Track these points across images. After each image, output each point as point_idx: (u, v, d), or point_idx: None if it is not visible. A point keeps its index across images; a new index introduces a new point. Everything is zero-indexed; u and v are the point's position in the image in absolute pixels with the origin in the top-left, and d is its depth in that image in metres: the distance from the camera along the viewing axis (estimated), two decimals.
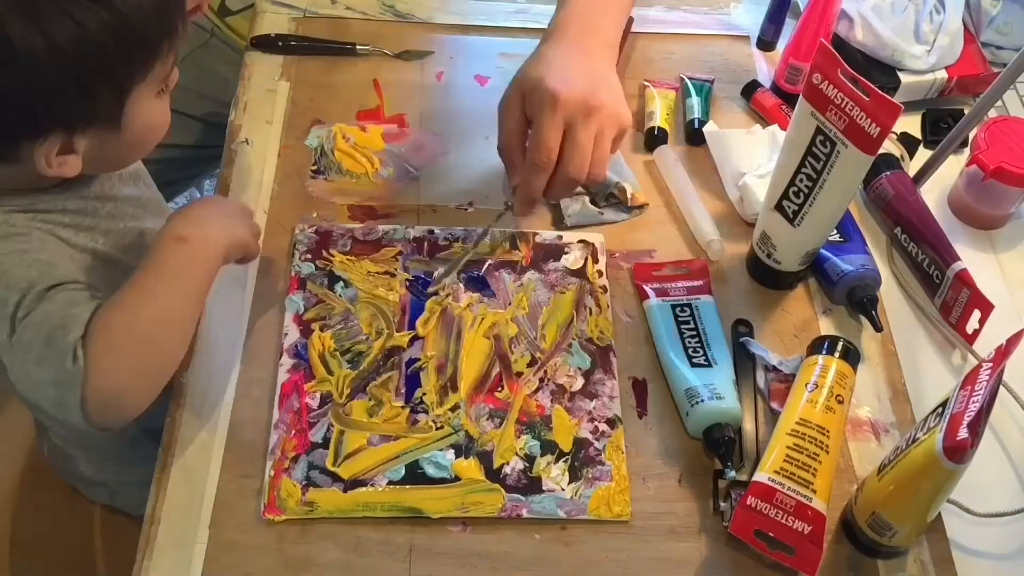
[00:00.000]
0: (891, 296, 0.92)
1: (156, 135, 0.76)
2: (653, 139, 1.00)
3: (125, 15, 0.64)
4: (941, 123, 1.05)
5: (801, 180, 0.81)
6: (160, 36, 0.69)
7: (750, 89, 1.05)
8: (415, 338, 0.84)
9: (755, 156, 0.96)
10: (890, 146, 1.01)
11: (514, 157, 0.85)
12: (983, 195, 0.96)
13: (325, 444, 0.77)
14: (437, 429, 0.79)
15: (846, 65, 0.74)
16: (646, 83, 1.05)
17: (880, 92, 0.72)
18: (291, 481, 0.75)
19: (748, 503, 0.71)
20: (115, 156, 0.75)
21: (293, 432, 0.77)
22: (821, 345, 0.82)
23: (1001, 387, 0.84)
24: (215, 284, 0.86)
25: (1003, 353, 0.66)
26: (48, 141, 0.67)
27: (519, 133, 0.84)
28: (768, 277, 0.90)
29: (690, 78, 1.06)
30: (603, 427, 0.80)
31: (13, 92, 0.63)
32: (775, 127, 1.00)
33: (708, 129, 1.00)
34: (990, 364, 0.66)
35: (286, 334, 0.83)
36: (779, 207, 0.84)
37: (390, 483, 0.75)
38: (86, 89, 0.66)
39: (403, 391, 0.80)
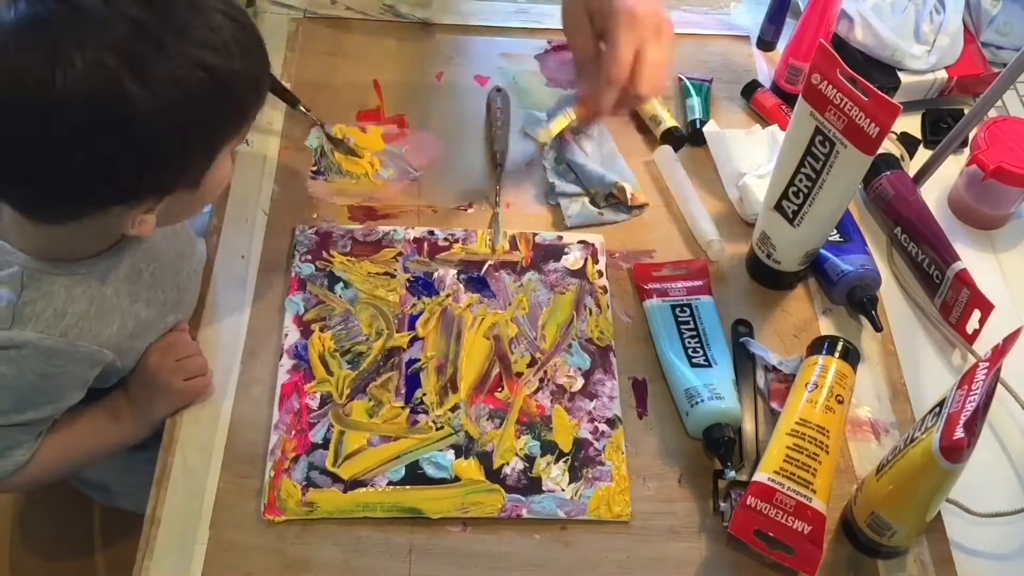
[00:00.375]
0: (891, 296, 0.92)
1: (221, 193, 0.78)
2: (673, 140, 1.00)
3: (227, 79, 0.64)
4: (941, 123, 1.05)
5: (800, 180, 0.81)
6: (252, 101, 0.69)
7: (750, 89, 1.05)
8: (415, 339, 0.84)
9: (755, 156, 0.97)
10: (890, 146, 1.01)
11: (590, 69, 0.87)
12: (983, 195, 0.96)
13: (325, 445, 0.77)
14: (437, 429, 0.79)
15: (845, 65, 0.74)
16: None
17: (879, 92, 0.72)
18: (291, 481, 0.75)
19: (748, 503, 0.71)
20: (182, 213, 0.76)
21: (293, 433, 0.77)
22: (821, 345, 0.82)
23: (1000, 387, 0.84)
24: (216, 284, 0.86)
25: (1000, 352, 0.66)
26: (141, 204, 0.67)
27: (594, 46, 0.86)
28: (768, 277, 0.90)
29: (688, 78, 1.06)
30: (603, 427, 0.80)
31: (124, 156, 0.62)
32: (775, 127, 1.00)
33: (708, 129, 1.00)
34: (987, 364, 0.66)
35: (286, 335, 0.83)
36: (779, 207, 0.84)
37: (390, 483, 0.75)
38: (188, 153, 0.66)
39: (403, 392, 0.81)
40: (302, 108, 0.98)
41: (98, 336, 0.74)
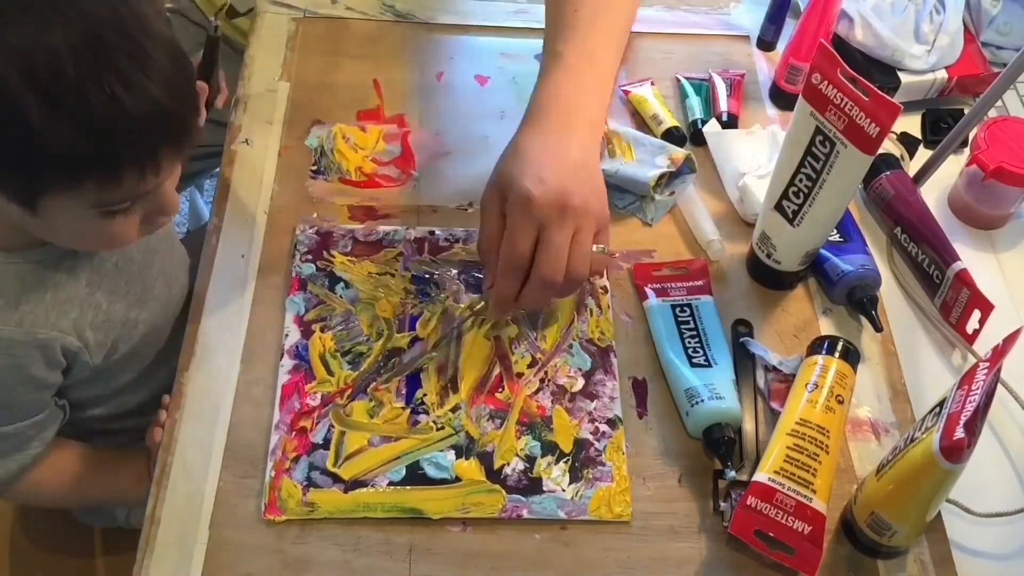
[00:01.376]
0: (891, 296, 0.92)
1: (97, 247, 0.75)
2: (674, 140, 0.99)
3: (36, 132, 0.59)
4: (941, 123, 1.05)
5: (801, 180, 0.81)
6: (80, 170, 0.62)
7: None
8: (415, 339, 0.84)
9: (755, 156, 0.97)
10: (890, 146, 1.01)
11: (490, 258, 0.79)
12: (983, 195, 0.96)
13: (326, 445, 0.77)
14: (438, 430, 0.79)
15: (845, 65, 0.74)
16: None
17: (879, 92, 0.72)
18: (292, 482, 0.75)
19: (748, 503, 0.71)
20: (45, 235, 0.72)
21: (294, 433, 0.77)
22: (821, 345, 0.82)
23: (1001, 387, 0.84)
24: (216, 284, 0.86)
25: (1000, 352, 0.66)
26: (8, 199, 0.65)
27: (497, 232, 0.78)
28: (768, 277, 0.90)
29: (688, 78, 1.06)
30: (603, 427, 0.80)
31: None
32: (775, 127, 1.00)
33: (708, 129, 1.00)
34: (987, 364, 0.66)
35: (287, 335, 0.83)
36: (779, 207, 0.84)
37: (391, 484, 0.75)
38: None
39: (404, 392, 0.81)
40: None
41: (56, 323, 0.74)
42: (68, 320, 0.75)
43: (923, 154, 1.01)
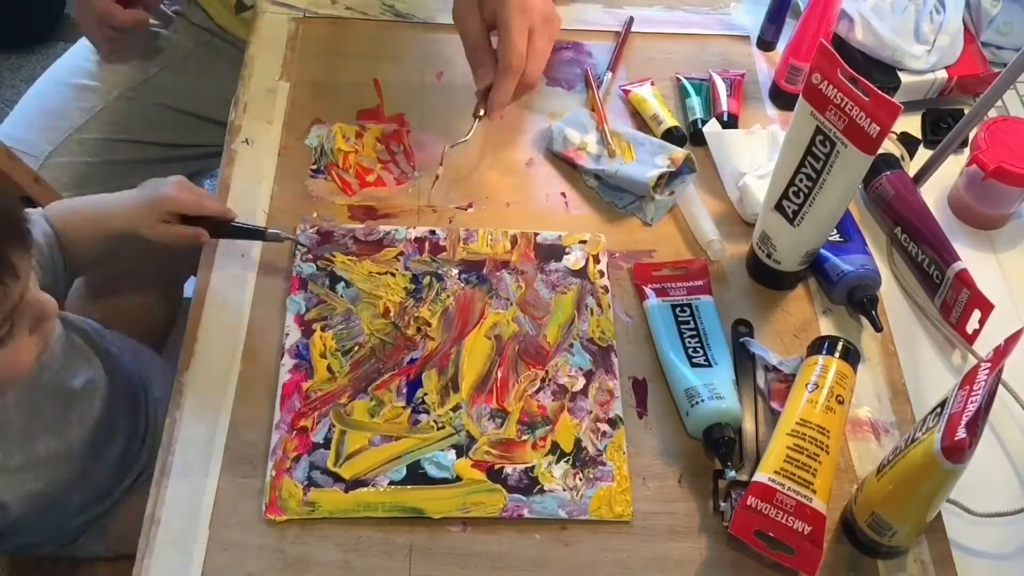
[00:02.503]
0: (891, 296, 0.92)
1: (3, 379, 0.71)
2: (674, 140, 0.99)
3: None
4: (941, 123, 1.05)
5: (801, 180, 0.81)
6: None
7: None
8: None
9: (755, 156, 0.97)
10: (890, 146, 1.01)
11: (485, 58, 0.89)
12: (983, 195, 0.96)
13: (326, 444, 0.77)
14: (438, 429, 0.79)
15: (846, 65, 0.74)
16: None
17: (879, 92, 0.72)
18: (292, 481, 0.75)
19: (748, 503, 0.71)
20: None
21: (294, 432, 0.77)
22: (821, 345, 0.82)
23: (1001, 387, 0.84)
24: (216, 284, 0.86)
25: (1001, 353, 0.66)
26: None
27: (484, 36, 0.88)
28: (768, 277, 0.90)
29: (687, 78, 1.06)
30: (604, 427, 0.80)
31: None
32: (775, 127, 1.01)
33: (708, 129, 1.00)
34: (988, 364, 0.66)
35: (287, 334, 0.83)
36: (779, 207, 0.84)
37: (391, 483, 0.75)
38: None
39: (404, 391, 0.81)
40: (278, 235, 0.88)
41: None
42: None
43: (923, 154, 1.01)
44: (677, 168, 0.95)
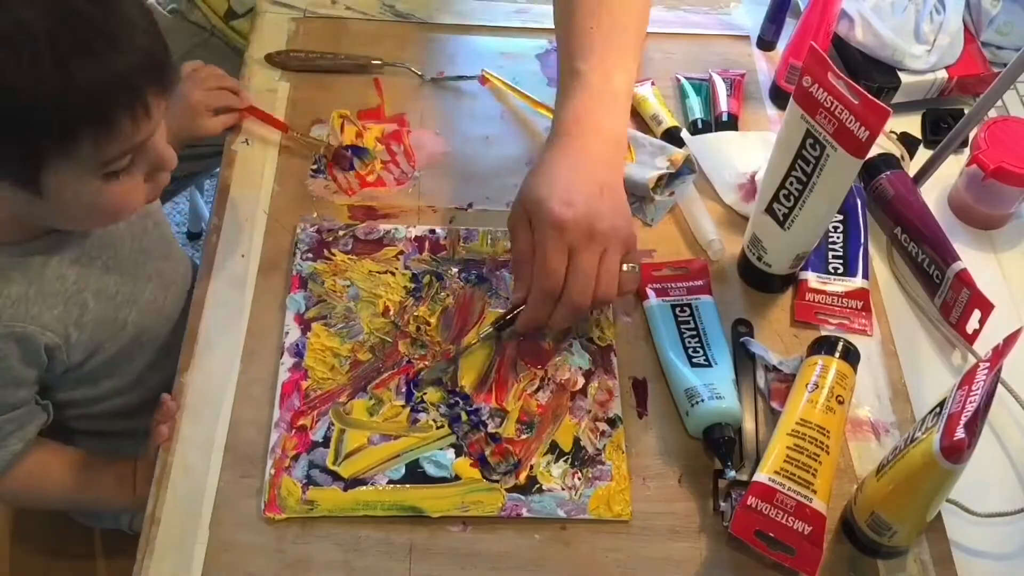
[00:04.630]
0: (891, 296, 0.92)
1: (107, 217, 0.74)
2: (673, 140, 0.99)
3: (25, 96, 0.61)
4: (941, 123, 1.05)
5: (791, 183, 0.81)
6: (74, 124, 0.63)
7: None
8: (416, 338, 0.84)
9: (754, 157, 0.96)
10: (890, 146, 1.01)
11: (525, 272, 0.80)
12: (983, 195, 0.96)
13: (326, 443, 0.77)
14: (437, 428, 0.79)
15: (835, 68, 0.74)
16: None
17: (869, 95, 0.72)
18: (291, 480, 0.75)
19: (748, 503, 0.71)
20: (57, 220, 0.74)
21: (293, 431, 0.77)
22: (821, 345, 0.82)
23: (1001, 387, 0.84)
24: (216, 283, 0.86)
25: (1000, 353, 0.66)
26: None
27: (529, 248, 0.79)
28: (759, 280, 0.90)
29: (687, 78, 1.06)
30: (603, 427, 0.80)
31: None
32: (767, 132, 1.01)
33: (687, 137, 1.00)
34: (987, 364, 0.66)
35: (287, 333, 0.83)
36: (769, 210, 0.84)
37: (390, 482, 0.75)
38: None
39: (404, 390, 0.81)
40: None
41: (38, 318, 0.74)
42: (50, 315, 0.75)
43: (923, 154, 1.01)
44: (677, 169, 0.95)
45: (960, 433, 0.63)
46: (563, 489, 0.76)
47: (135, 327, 0.84)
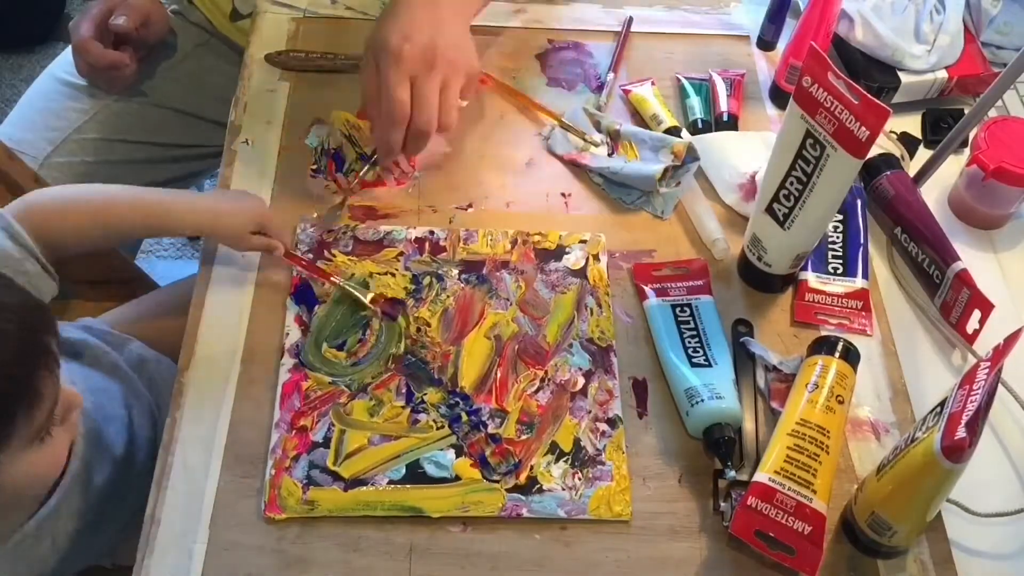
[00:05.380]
0: (891, 296, 0.92)
1: (43, 482, 0.74)
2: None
3: None
4: (941, 123, 1.05)
5: (791, 183, 0.81)
6: (8, 409, 0.65)
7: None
8: (416, 338, 0.84)
9: (754, 157, 0.96)
10: (890, 146, 1.01)
11: (374, 111, 0.87)
12: (983, 195, 0.96)
13: (326, 443, 0.77)
14: (438, 429, 0.79)
15: (835, 68, 0.74)
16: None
17: (869, 95, 0.72)
18: (292, 480, 0.75)
19: (748, 503, 0.71)
20: (12, 506, 0.74)
21: (294, 431, 0.77)
22: (821, 345, 0.82)
23: (1001, 386, 0.84)
24: (216, 284, 0.86)
25: (1000, 352, 0.66)
26: None
27: (376, 89, 0.86)
28: (759, 280, 0.90)
29: (687, 78, 1.06)
30: (603, 427, 0.80)
31: None
32: (767, 133, 1.01)
33: (687, 136, 0.99)
34: (988, 363, 0.66)
35: (287, 334, 0.83)
36: (769, 210, 0.84)
37: (391, 482, 0.75)
38: None
39: (404, 391, 0.81)
40: None
41: None
42: None
43: (923, 154, 1.01)
44: (681, 160, 0.95)
45: (961, 433, 0.63)
46: (563, 489, 0.76)
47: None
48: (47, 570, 0.78)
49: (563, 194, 0.96)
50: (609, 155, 0.98)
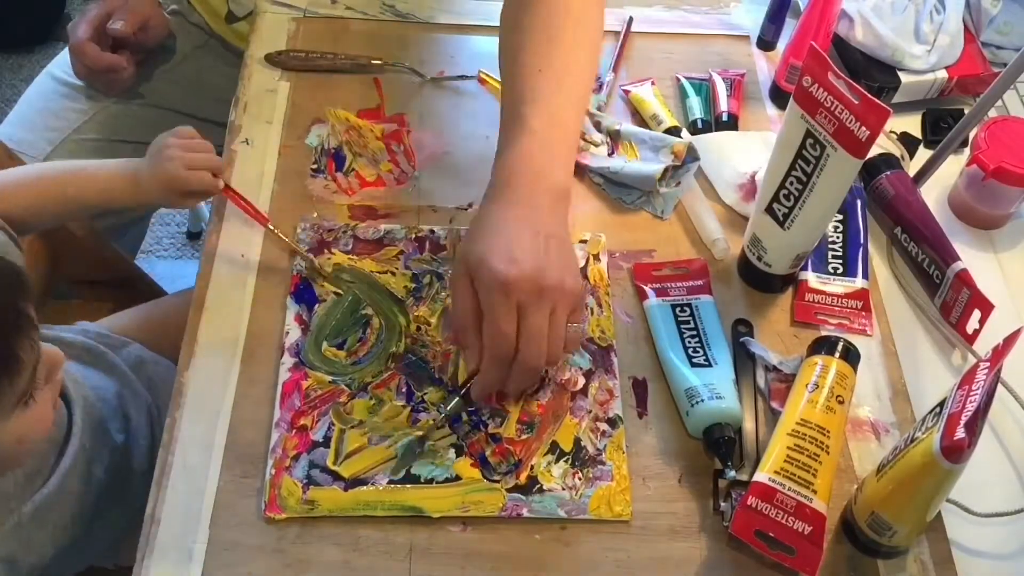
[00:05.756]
0: (891, 296, 0.92)
1: (34, 440, 0.74)
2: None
3: None
4: (941, 123, 1.05)
5: (791, 183, 0.81)
6: None
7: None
8: (416, 338, 0.84)
9: (754, 157, 0.96)
10: (890, 146, 1.01)
11: (471, 339, 0.74)
12: (983, 195, 0.96)
13: (326, 443, 0.77)
14: (438, 428, 0.79)
15: (835, 68, 0.74)
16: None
17: (869, 95, 0.72)
18: (292, 479, 0.75)
19: (748, 503, 0.71)
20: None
21: (294, 431, 0.77)
22: (821, 345, 0.82)
23: (1001, 386, 0.84)
24: (216, 283, 0.86)
25: (1000, 353, 0.66)
26: None
27: (474, 311, 0.73)
28: (759, 279, 0.90)
29: (687, 78, 1.06)
30: (604, 427, 0.80)
31: None
32: (767, 132, 1.01)
33: (687, 136, 1.00)
34: (987, 363, 0.66)
35: (287, 333, 0.83)
36: (769, 210, 0.84)
37: (391, 482, 0.75)
38: None
39: (404, 390, 0.81)
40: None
41: None
42: None
43: (923, 154, 1.01)
44: (681, 160, 0.95)
45: (960, 433, 0.63)
46: (564, 489, 0.76)
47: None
48: (45, 560, 0.78)
49: None
50: (609, 155, 0.98)
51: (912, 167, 1.00)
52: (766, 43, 1.12)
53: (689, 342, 0.83)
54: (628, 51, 1.10)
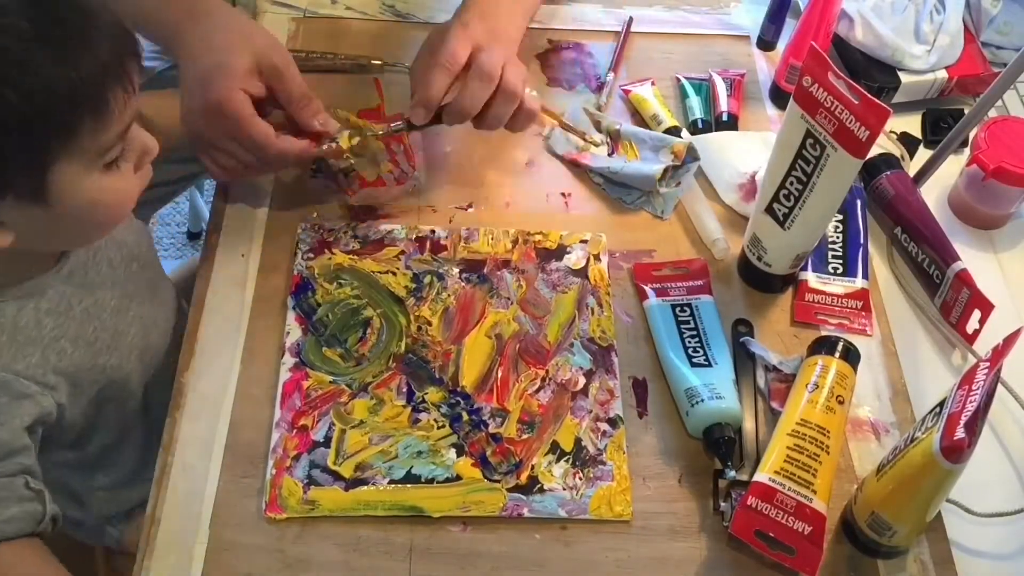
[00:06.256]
0: (891, 296, 0.92)
1: (109, 214, 0.71)
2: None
3: (26, 97, 0.61)
4: (941, 123, 1.05)
5: (791, 183, 0.81)
6: (76, 113, 0.63)
7: None
8: (417, 337, 0.84)
9: (754, 157, 0.96)
10: (890, 146, 1.01)
11: (442, 76, 0.84)
12: (983, 195, 0.96)
13: (326, 443, 0.77)
14: (438, 428, 0.79)
15: (835, 68, 0.74)
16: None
17: (869, 95, 0.72)
18: (292, 479, 0.75)
19: (748, 503, 0.71)
20: (59, 234, 0.72)
21: (294, 431, 0.77)
22: (821, 345, 0.82)
23: (1001, 386, 0.84)
24: (216, 284, 0.86)
25: (1000, 353, 0.66)
26: None
27: (428, 68, 0.84)
28: (759, 279, 0.90)
29: (687, 78, 1.06)
30: (604, 427, 0.80)
31: None
32: (768, 133, 1.01)
33: (687, 136, 1.00)
34: (987, 364, 0.66)
35: (288, 333, 0.83)
36: (769, 210, 0.84)
37: (391, 482, 0.75)
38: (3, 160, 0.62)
39: (405, 390, 0.81)
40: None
41: (10, 366, 0.71)
42: (26, 363, 0.72)
43: (923, 154, 1.01)
44: (681, 160, 0.95)
45: (960, 433, 0.63)
46: (564, 489, 0.76)
47: (114, 371, 0.82)
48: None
49: (563, 194, 0.97)
50: (609, 155, 0.98)
51: (912, 167, 1.00)
52: (766, 43, 1.12)
53: (689, 342, 0.84)
54: (628, 51, 1.10)
